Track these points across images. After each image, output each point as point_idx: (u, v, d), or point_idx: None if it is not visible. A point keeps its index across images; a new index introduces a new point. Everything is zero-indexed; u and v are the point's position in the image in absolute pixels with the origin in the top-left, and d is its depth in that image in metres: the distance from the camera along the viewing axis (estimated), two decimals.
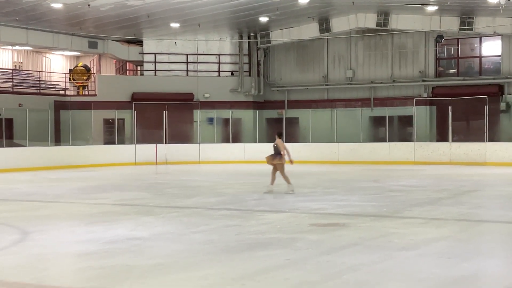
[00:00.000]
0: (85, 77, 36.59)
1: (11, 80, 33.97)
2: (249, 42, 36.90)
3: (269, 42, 36.64)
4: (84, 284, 7.61)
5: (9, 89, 33.27)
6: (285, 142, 33.57)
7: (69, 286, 7.56)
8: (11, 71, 35.01)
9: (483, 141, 29.89)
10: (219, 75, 37.04)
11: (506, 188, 18.94)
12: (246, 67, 37.06)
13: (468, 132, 32.08)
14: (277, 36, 36.14)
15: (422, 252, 9.09)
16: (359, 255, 8.81)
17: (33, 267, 8.43)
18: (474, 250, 9.35)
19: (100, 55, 38.41)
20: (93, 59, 39.79)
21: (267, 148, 32.77)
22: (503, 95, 32.30)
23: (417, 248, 9.33)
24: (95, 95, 34.99)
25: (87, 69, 36.93)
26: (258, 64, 37.36)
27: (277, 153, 17.74)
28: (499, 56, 32.96)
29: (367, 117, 34.91)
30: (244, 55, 36.88)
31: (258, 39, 36.74)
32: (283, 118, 34.55)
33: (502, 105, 31.93)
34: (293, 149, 33.39)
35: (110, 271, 8.07)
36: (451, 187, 19.00)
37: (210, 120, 35.60)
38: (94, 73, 37.36)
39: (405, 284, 7.22)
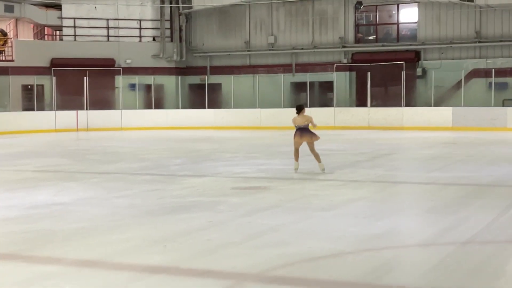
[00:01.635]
0: (1, 42, 35.62)
1: None
2: (170, 7, 36.61)
3: (190, 7, 36.46)
4: (7, 249, 7.60)
5: None
6: (208, 108, 33.96)
7: None
8: None
9: (400, 106, 30.71)
10: (140, 41, 36.67)
11: (421, 151, 19.58)
12: (168, 32, 36.79)
13: (386, 97, 32.86)
14: (199, 1, 35.97)
15: (340, 212, 9.42)
16: (279, 216, 9.07)
17: None
18: (389, 209, 9.74)
19: (17, 19, 37.40)
20: (9, 23, 38.72)
21: (191, 114, 33.18)
22: (420, 61, 33.13)
23: (335, 209, 9.65)
24: (12, 60, 34.14)
25: (3, 33, 35.94)
26: (180, 30, 37.14)
27: (307, 129, 14.45)
28: (416, 23, 33.70)
29: (289, 83, 35.27)
30: (166, 20, 36.58)
31: (180, 4, 36.50)
32: (205, 84, 34.61)
33: (419, 71, 32.77)
34: (215, 115, 33.79)
35: (32, 235, 8.08)
36: (369, 150, 19.53)
37: (132, 86, 35.31)
38: (11, 38, 36.41)
39: (322, 242, 7.50)
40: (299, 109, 14.61)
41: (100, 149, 21.82)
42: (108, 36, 36.14)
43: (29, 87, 33.68)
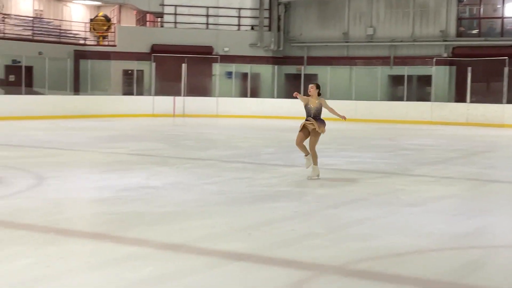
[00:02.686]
0: (105, 27, 36.65)
1: (31, 28, 34.13)
2: None
3: None
4: (96, 229, 7.85)
5: (29, 37, 33.43)
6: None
7: (81, 230, 7.79)
8: (31, 19, 35.14)
9: (501, 102, 29.77)
10: (239, 29, 36.94)
11: None
12: (266, 22, 36.91)
13: (487, 93, 31.91)
14: None
15: (428, 209, 9.23)
16: (365, 210, 8.97)
17: (47, 210, 8.68)
18: (480, 208, 9.48)
19: (120, 5, 38.39)
20: (113, 9, 39.77)
21: (286, 104, 33.12)
22: None
23: (423, 205, 9.46)
24: (114, 45, 35.08)
25: (107, 19, 36.98)
26: (279, 19, 37.19)
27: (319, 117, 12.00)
28: None
29: (386, 76, 34.77)
30: (265, 9, 36.69)
31: None
32: (301, 74, 34.52)
33: None
34: None
35: (121, 217, 8.29)
36: (465, 147, 19.05)
37: (229, 74, 35.63)
38: (114, 24, 37.40)
39: (407, 238, 7.37)
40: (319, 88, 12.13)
41: (194, 135, 22.15)
42: (207, 24, 36.58)
43: (130, 72, 34.52)
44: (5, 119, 25.91)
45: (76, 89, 32.97)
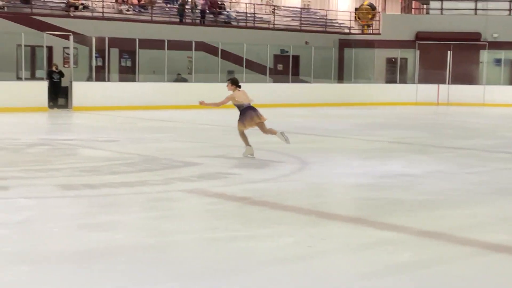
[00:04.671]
0: (370, 16, 36.93)
1: (299, 18, 35.38)
2: None
3: None
4: (355, 213, 8.00)
5: (297, 27, 34.67)
6: None
7: (339, 213, 7.99)
8: (299, 10, 36.43)
9: None
10: (510, 14, 35.19)
11: None
12: None
13: None
14: None
15: None
16: None
17: (309, 194, 9.03)
18: None
19: None
20: None
21: None
22: None
23: None
24: (379, 33, 35.21)
25: (372, 7, 37.20)
26: None
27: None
28: None
29: None
30: None
31: None
32: None
33: None
34: None
35: (379, 203, 8.37)
36: None
37: (497, 61, 34.13)
38: (379, 12, 37.51)
39: None
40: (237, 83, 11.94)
41: (457, 124, 21.61)
42: (475, 9, 35.30)
43: (393, 60, 34.45)
44: (273, 106, 27.14)
45: (340, 78, 33.61)
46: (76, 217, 7.22)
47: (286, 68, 30.89)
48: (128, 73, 27.70)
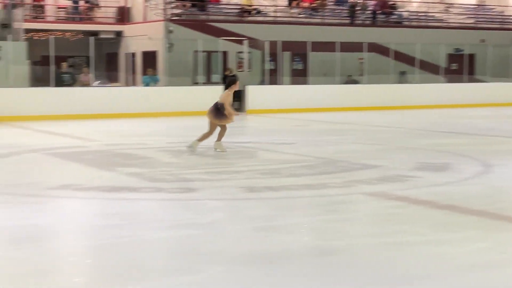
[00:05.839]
0: None
1: (474, 16, 34.19)
2: None
3: None
4: None
5: (472, 25, 33.51)
6: None
7: None
8: (474, 6, 35.21)
9: None
10: None
11: None
12: None
13: None
14: None
15: None
16: None
17: (495, 198, 8.72)
18: None
19: None
20: None
21: None
22: None
23: None
24: None
25: None
26: None
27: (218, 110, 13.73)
28: None
29: None
30: None
31: None
32: None
33: None
34: None
35: None
36: None
37: None
38: None
39: None
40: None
41: None
42: None
43: None
44: (448, 107, 26.40)
45: None
46: (261, 219, 7.36)
47: (461, 67, 29.95)
48: (299, 76, 27.96)
